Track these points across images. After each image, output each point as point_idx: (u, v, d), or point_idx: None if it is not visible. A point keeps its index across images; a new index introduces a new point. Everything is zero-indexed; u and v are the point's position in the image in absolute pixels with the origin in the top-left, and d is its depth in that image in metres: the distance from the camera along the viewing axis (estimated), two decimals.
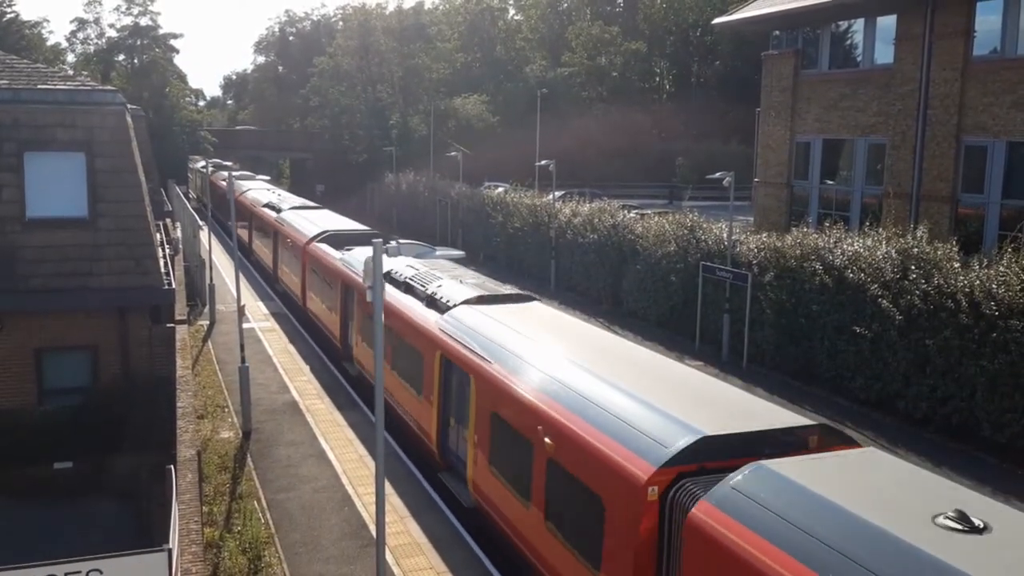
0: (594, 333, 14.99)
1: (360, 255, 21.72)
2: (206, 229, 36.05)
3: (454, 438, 14.70)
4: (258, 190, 41.76)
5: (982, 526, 6.90)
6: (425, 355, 15.64)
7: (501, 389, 12.38)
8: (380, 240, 9.05)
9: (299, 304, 28.20)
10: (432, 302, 16.47)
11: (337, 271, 22.77)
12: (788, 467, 8.10)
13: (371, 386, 17.51)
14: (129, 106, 21.19)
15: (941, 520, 6.96)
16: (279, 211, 33.35)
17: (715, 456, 8.85)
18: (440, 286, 16.92)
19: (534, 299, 17.10)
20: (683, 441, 9.08)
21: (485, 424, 12.86)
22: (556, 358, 12.37)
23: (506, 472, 12.14)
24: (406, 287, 17.77)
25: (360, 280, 17.69)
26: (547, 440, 10.68)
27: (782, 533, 7.27)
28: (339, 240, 25.47)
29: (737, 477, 8.12)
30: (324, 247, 25.30)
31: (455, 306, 15.72)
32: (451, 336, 14.66)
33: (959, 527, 6.86)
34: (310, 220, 29.87)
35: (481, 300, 15.98)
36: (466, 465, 13.69)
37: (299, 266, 27.55)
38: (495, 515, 12.59)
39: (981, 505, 7.42)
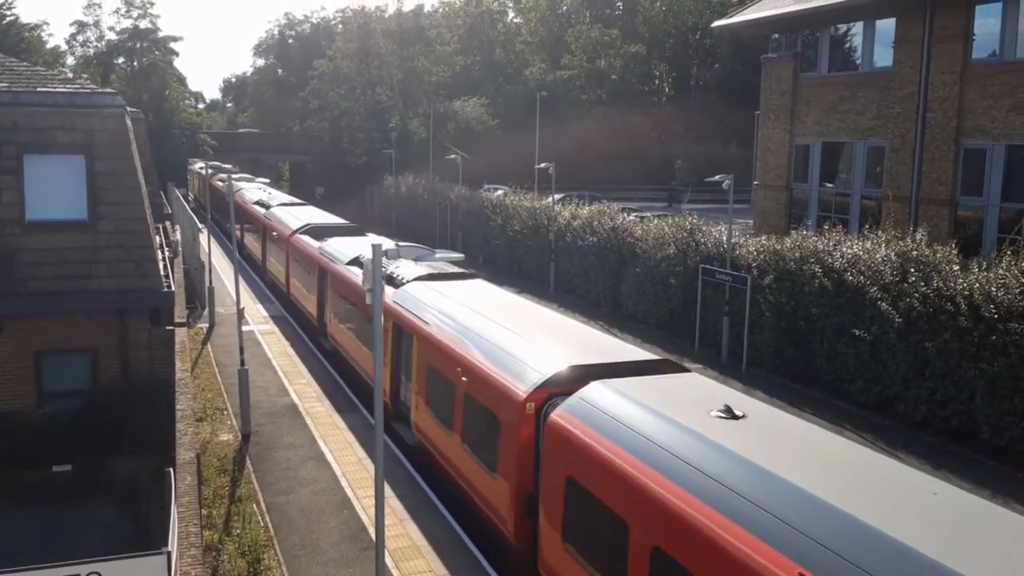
0: (514, 300, 17.70)
1: (336, 244, 24.53)
2: (205, 232, 36.07)
3: (403, 391, 17.21)
4: (250, 189, 44.73)
5: (741, 415, 9.71)
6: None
7: (434, 345, 15.07)
8: (379, 245, 9.06)
9: (284, 291, 30.72)
10: (390, 280, 18.72)
11: (315, 259, 25.20)
12: (619, 384, 10.93)
13: (343, 358, 22.29)
14: (129, 109, 21.21)
15: (714, 412, 9.78)
16: (268, 207, 36.00)
17: (579, 381, 11.31)
18: (398, 267, 19.63)
19: (476, 277, 19.97)
20: (554, 369, 12.06)
21: (423, 375, 15.55)
22: (476, 319, 14.93)
23: (437, 411, 14.95)
24: (317, 234, 21.42)
25: (334, 265, 23.14)
26: (463, 379, 13.42)
27: (607, 425, 10.07)
28: (318, 232, 27.65)
29: (583, 391, 10.92)
30: (305, 238, 27.62)
31: (407, 282, 18.32)
32: (401, 306, 17.18)
33: (724, 416, 9.69)
34: (294, 215, 32.30)
35: (430, 277, 18.76)
36: (410, 410, 16.35)
37: (284, 256, 30.20)
38: (429, 446, 15.32)
39: (746, 403, 10.41)
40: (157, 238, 20.91)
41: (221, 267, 36.52)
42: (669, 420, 9.69)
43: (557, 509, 10.75)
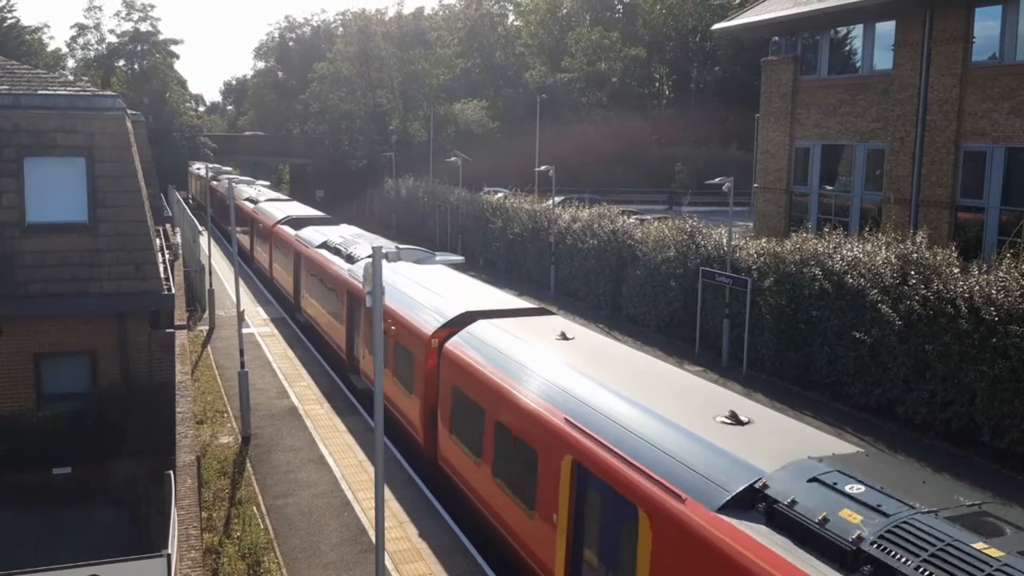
0: (440, 269, 20.31)
1: (309, 232, 29.04)
2: (206, 234, 36.08)
3: (355, 347, 21.39)
4: (241, 187, 46.89)
5: (572, 338, 13.86)
6: (338, 292, 22.71)
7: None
8: (380, 247, 9.07)
9: (267, 276, 34.95)
10: (350, 258, 23.00)
11: (292, 244, 29.48)
12: (495, 322, 14.80)
13: (312, 328, 26.31)
14: (129, 111, 21.22)
15: (553, 337, 13.84)
16: (256, 203, 39.49)
17: (470, 321, 14.97)
18: (356, 247, 23.74)
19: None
20: (452, 313, 15.95)
21: (367, 332, 19.79)
22: (406, 283, 18.75)
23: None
24: (334, 250, 25.00)
25: (306, 249, 27.19)
26: (392, 328, 17.17)
27: (481, 348, 13.96)
28: (297, 222, 32.17)
29: (470, 327, 14.89)
30: (286, 228, 31.75)
31: (360, 259, 22.08)
32: (353, 277, 20.19)
33: (558, 339, 13.79)
34: (278, 208, 37.06)
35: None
36: (359, 362, 20.98)
37: (267, 244, 34.65)
38: (368, 383, 19.83)
39: (579, 331, 14.71)
40: (157, 240, 20.90)
41: (221, 269, 36.52)
42: (520, 341, 13.74)
43: (447, 411, 14.88)
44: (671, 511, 8.52)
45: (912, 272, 19.09)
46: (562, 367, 12.35)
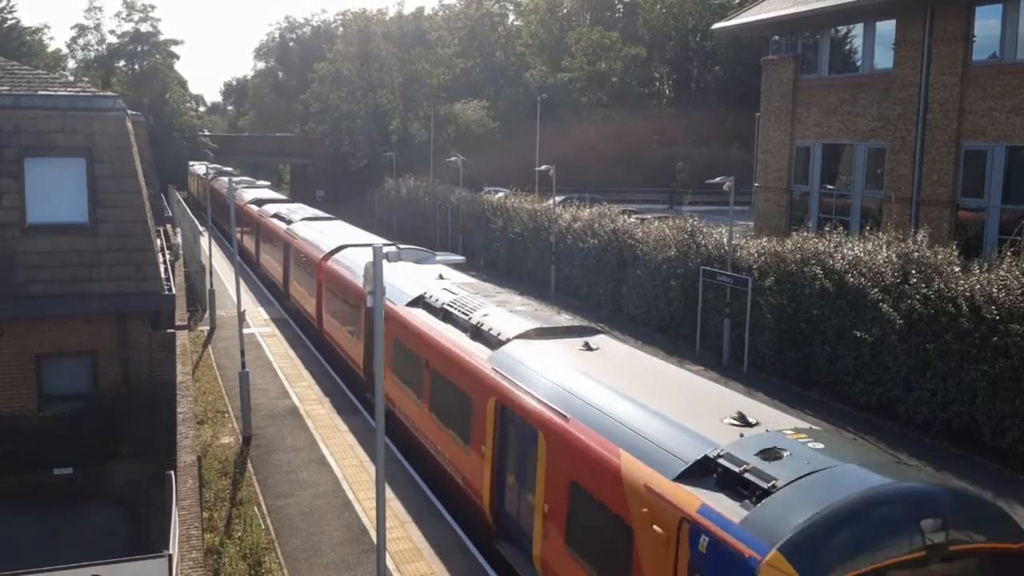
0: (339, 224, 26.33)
1: (276, 207, 36.93)
2: (206, 235, 36.09)
3: (325, 316, 24.67)
4: (245, 190, 50.01)
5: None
6: (317, 274, 25.28)
7: (337, 279, 23.01)
8: (380, 247, 9.06)
9: (255, 261, 38.46)
10: (287, 221, 31.52)
11: (280, 235, 32.08)
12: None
13: (297, 312, 29.02)
14: (129, 112, 21.23)
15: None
16: (245, 200, 41.90)
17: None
18: (292, 212, 33.74)
19: (337, 220, 31.80)
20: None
21: (329, 302, 23.82)
22: (326, 232, 25.29)
23: (332, 310, 23.57)
24: (285, 220, 31.88)
25: (292, 239, 30.19)
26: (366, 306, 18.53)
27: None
28: (264, 202, 39.58)
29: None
30: (274, 220, 34.55)
31: (295, 222, 30.43)
32: (336, 262, 24.00)
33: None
34: (255, 195, 42.81)
35: (314, 219, 32.58)
36: (320, 320, 24.80)
37: (255, 236, 38.71)
38: (329, 340, 23.72)
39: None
40: (158, 241, 20.91)
41: (222, 269, 36.51)
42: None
43: (389, 355, 17.17)
44: (557, 427, 10.90)
45: (913, 271, 19.08)
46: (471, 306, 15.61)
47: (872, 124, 28.16)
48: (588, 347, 12.98)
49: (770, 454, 8.46)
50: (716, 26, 38.35)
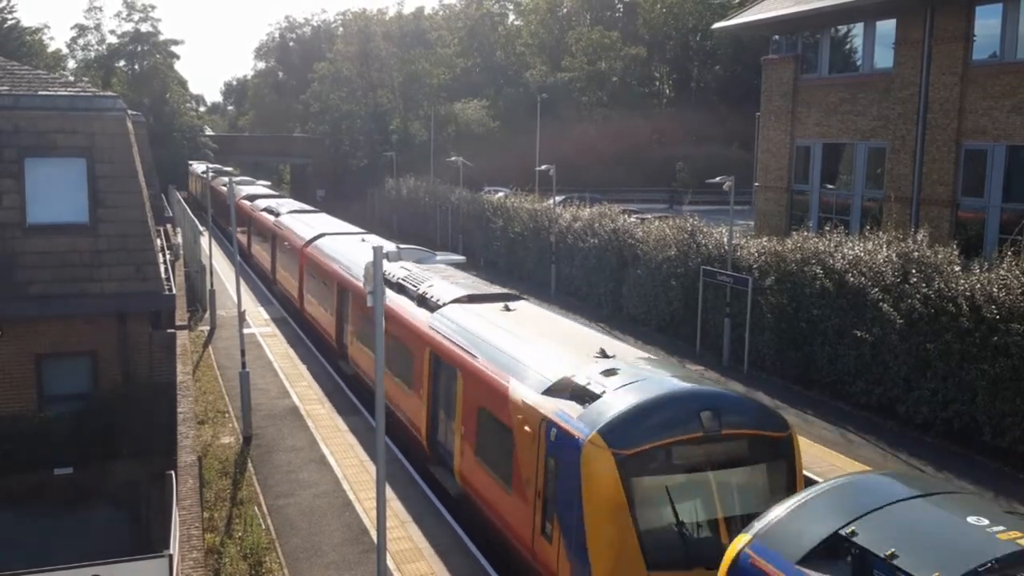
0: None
1: (264, 202, 39.40)
2: (207, 234, 36.09)
3: (305, 296, 27.39)
4: (242, 189, 51.33)
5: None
6: (299, 259, 27.98)
7: (315, 262, 25.78)
8: (380, 247, 9.08)
9: (246, 251, 40.55)
10: (274, 213, 34.64)
11: (270, 227, 34.68)
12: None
13: (284, 298, 31.48)
14: (130, 112, 21.23)
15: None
16: (239, 195, 43.31)
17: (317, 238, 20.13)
18: (280, 206, 36.15)
19: (321, 212, 35.27)
20: (314, 233, 25.71)
21: (308, 283, 26.87)
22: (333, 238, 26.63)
23: (312, 292, 26.31)
24: (274, 213, 34.78)
25: (280, 231, 32.89)
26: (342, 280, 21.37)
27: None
28: (255, 197, 42.03)
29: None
30: (264, 213, 37.23)
31: (282, 214, 33.71)
32: (281, 225, 30.67)
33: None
34: (248, 191, 45.46)
35: (300, 211, 35.95)
36: (302, 300, 27.87)
37: (246, 229, 40.83)
38: (309, 319, 26.70)
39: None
40: (158, 241, 20.91)
41: (222, 269, 36.51)
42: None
43: (357, 325, 20.65)
44: (469, 365, 13.79)
45: (913, 270, 19.07)
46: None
47: (872, 123, 28.16)
48: (507, 308, 16.06)
49: (609, 372, 11.55)
50: (716, 26, 38.35)
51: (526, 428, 11.54)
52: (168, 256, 24.67)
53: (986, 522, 7.03)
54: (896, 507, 7.38)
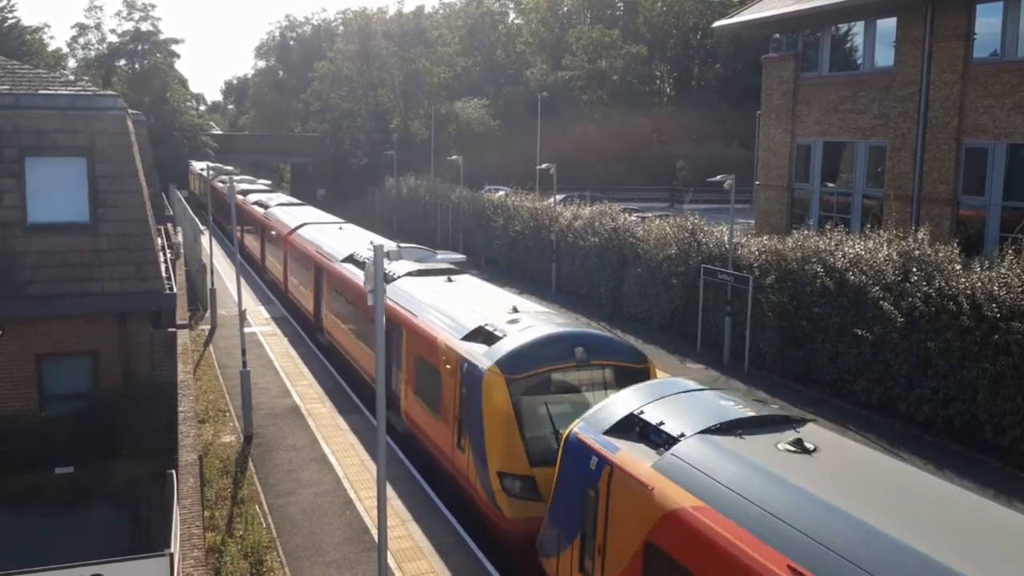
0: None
1: (255, 196, 41.55)
2: (207, 233, 36.08)
3: (289, 278, 30.22)
4: (223, 176, 52.32)
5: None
6: (283, 246, 30.86)
7: (297, 248, 28.38)
8: (380, 245, 9.10)
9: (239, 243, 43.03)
10: (264, 205, 37.05)
11: (260, 220, 37.21)
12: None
13: (274, 286, 33.85)
14: (130, 111, 21.22)
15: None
16: (235, 191, 45.11)
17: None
18: (271, 199, 38.31)
19: (306, 205, 36.36)
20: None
21: (290, 266, 29.79)
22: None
23: (299, 279, 28.33)
24: (263, 206, 37.37)
25: (268, 221, 35.71)
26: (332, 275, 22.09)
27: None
28: (248, 192, 43.42)
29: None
30: (254, 207, 39.48)
31: (272, 207, 36.05)
32: (271, 217, 32.74)
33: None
34: (256, 195, 45.39)
35: (289, 203, 38.30)
36: (286, 282, 30.78)
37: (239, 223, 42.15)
38: (297, 303, 28.49)
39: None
40: (158, 240, 20.91)
41: (222, 268, 36.51)
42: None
43: (330, 300, 23.67)
44: (410, 323, 16.84)
45: (914, 269, 19.07)
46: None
47: (873, 122, 28.15)
48: (449, 280, 19.21)
49: (512, 322, 14.55)
50: (717, 24, 38.32)
51: (448, 367, 14.57)
52: (169, 255, 24.67)
53: (732, 403, 10.29)
54: (676, 396, 10.57)
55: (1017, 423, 16.64)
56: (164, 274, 18.86)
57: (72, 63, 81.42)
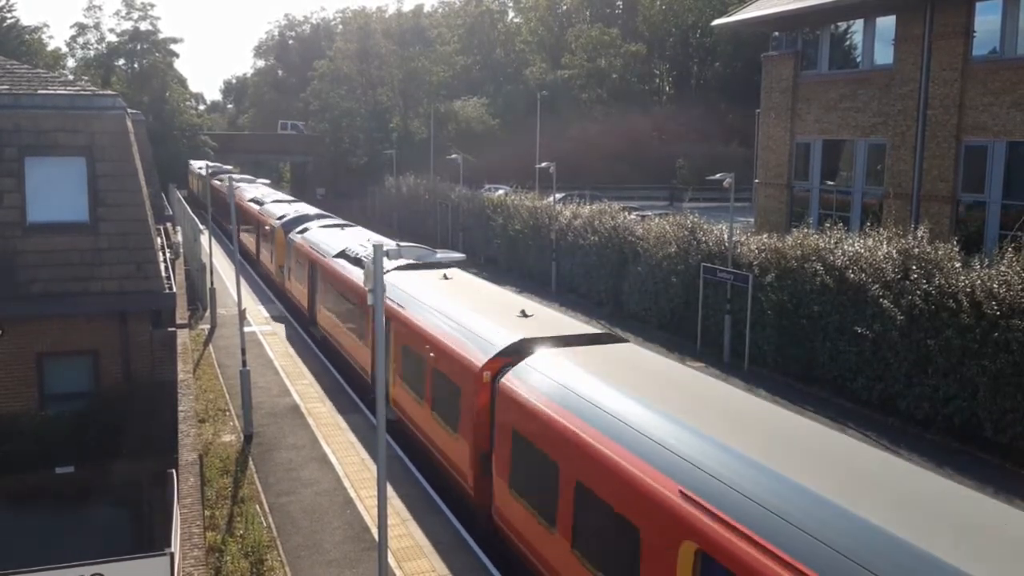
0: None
1: (251, 193, 42.02)
2: (207, 233, 36.08)
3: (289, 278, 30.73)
4: (222, 175, 52.96)
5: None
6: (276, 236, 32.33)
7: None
8: (380, 244, 9.08)
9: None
10: (283, 220, 33.53)
11: (255, 215, 38.32)
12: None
13: (266, 277, 35.36)
14: (129, 110, 21.21)
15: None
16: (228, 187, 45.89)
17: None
18: (288, 210, 35.00)
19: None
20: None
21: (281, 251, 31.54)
22: (326, 237, 26.90)
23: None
24: (260, 203, 37.56)
25: (263, 217, 36.74)
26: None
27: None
28: (259, 199, 41.78)
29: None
30: (251, 204, 39.99)
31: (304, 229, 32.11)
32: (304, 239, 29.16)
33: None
34: (251, 191, 45.93)
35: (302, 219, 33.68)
36: (272, 268, 33.41)
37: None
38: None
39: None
40: (158, 239, 20.91)
41: (222, 267, 36.51)
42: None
43: (324, 294, 24.52)
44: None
45: (913, 267, 19.08)
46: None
47: (872, 120, 28.15)
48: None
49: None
50: (716, 22, 38.30)
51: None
52: (168, 254, 24.67)
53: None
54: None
55: (1017, 421, 16.65)
56: (164, 273, 18.87)
57: (71, 63, 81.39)
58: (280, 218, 33.23)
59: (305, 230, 29.23)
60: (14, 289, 16.83)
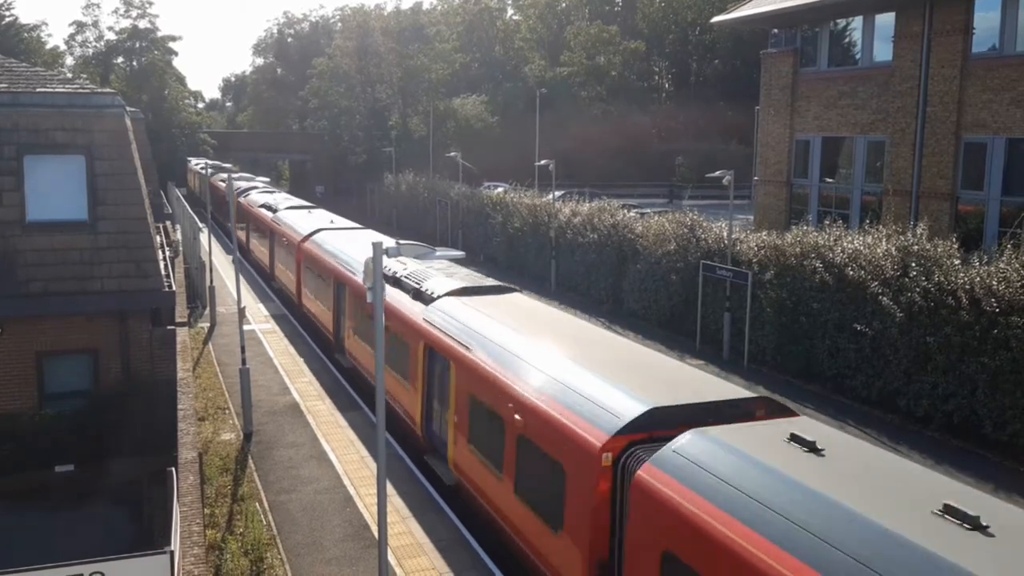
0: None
1: (260, 199, 40.39)
2: (206, 231, 36.08)
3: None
4: (221, 174, 53.60)
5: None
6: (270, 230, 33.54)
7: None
8: (380, 243, 9.08)
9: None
10: (270, 208, 35.42)
11: (246, 208, 39.42)
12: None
13: (256, 265, 37.22)
14: (128, 109, 21.20)
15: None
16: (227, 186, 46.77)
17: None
18: (278, 201, 36.90)
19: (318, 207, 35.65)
20: (312, 228, 27.32)
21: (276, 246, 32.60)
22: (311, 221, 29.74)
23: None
24: (272, 210, 35.47)
25: (251, 208, 38.47)
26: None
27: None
28: (256, 196, 42.04)
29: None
30: (247, 199, 41.33)
31: (280, 210, 33.91)
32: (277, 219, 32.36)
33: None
34: (248, 188, 46.31)
35: (298, 207, 35.39)
36: (265, 260, 34.79)
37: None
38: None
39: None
40: (157, 238, 20.90)
41: (221, 265, 36.50)
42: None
43: (303, 276, 27.07)
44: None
45: (913, 264, 19.08)
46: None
47: (872, 117, 28.14)
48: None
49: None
50: (715, 20, 38.28)
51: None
52: (167, 253, 24.66)
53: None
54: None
55: (1016, 417, 16.66)
56: (163, 272, 18.86)
57: (70, 61, 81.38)
58: (297, 228, 29.92)
59: (290, 215, 30.43)
60: (13, 288, 16.82)
